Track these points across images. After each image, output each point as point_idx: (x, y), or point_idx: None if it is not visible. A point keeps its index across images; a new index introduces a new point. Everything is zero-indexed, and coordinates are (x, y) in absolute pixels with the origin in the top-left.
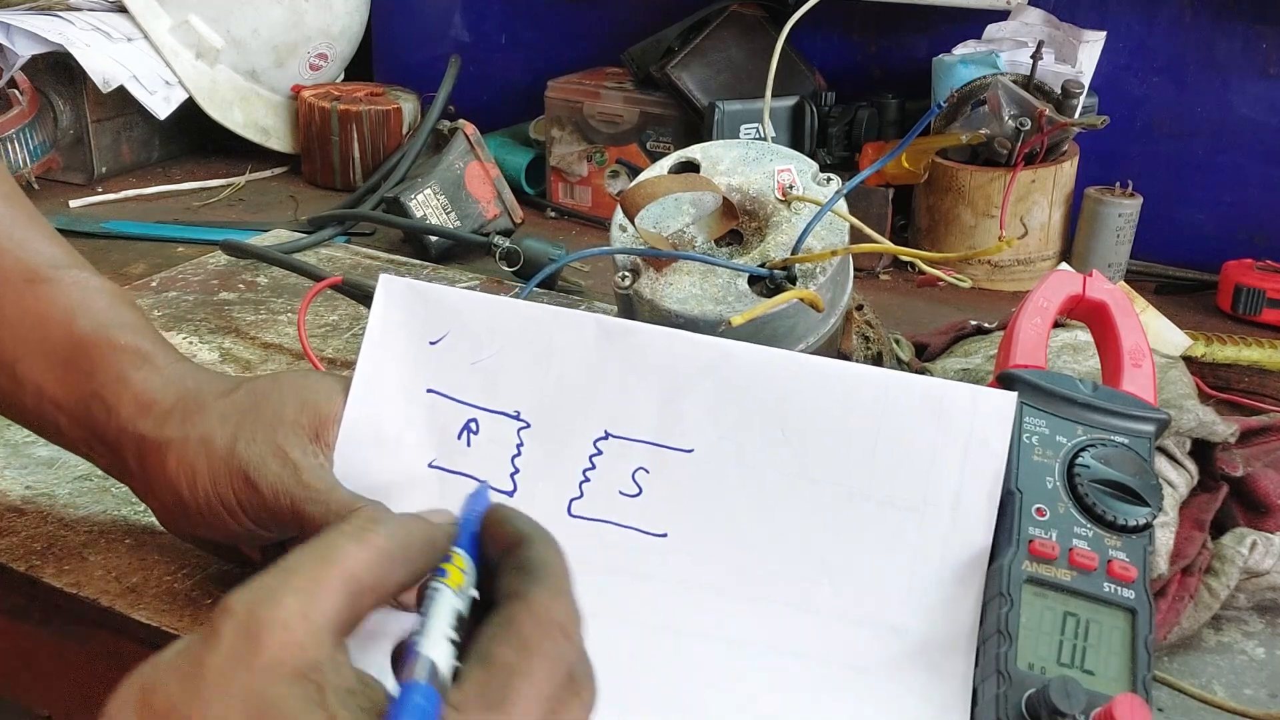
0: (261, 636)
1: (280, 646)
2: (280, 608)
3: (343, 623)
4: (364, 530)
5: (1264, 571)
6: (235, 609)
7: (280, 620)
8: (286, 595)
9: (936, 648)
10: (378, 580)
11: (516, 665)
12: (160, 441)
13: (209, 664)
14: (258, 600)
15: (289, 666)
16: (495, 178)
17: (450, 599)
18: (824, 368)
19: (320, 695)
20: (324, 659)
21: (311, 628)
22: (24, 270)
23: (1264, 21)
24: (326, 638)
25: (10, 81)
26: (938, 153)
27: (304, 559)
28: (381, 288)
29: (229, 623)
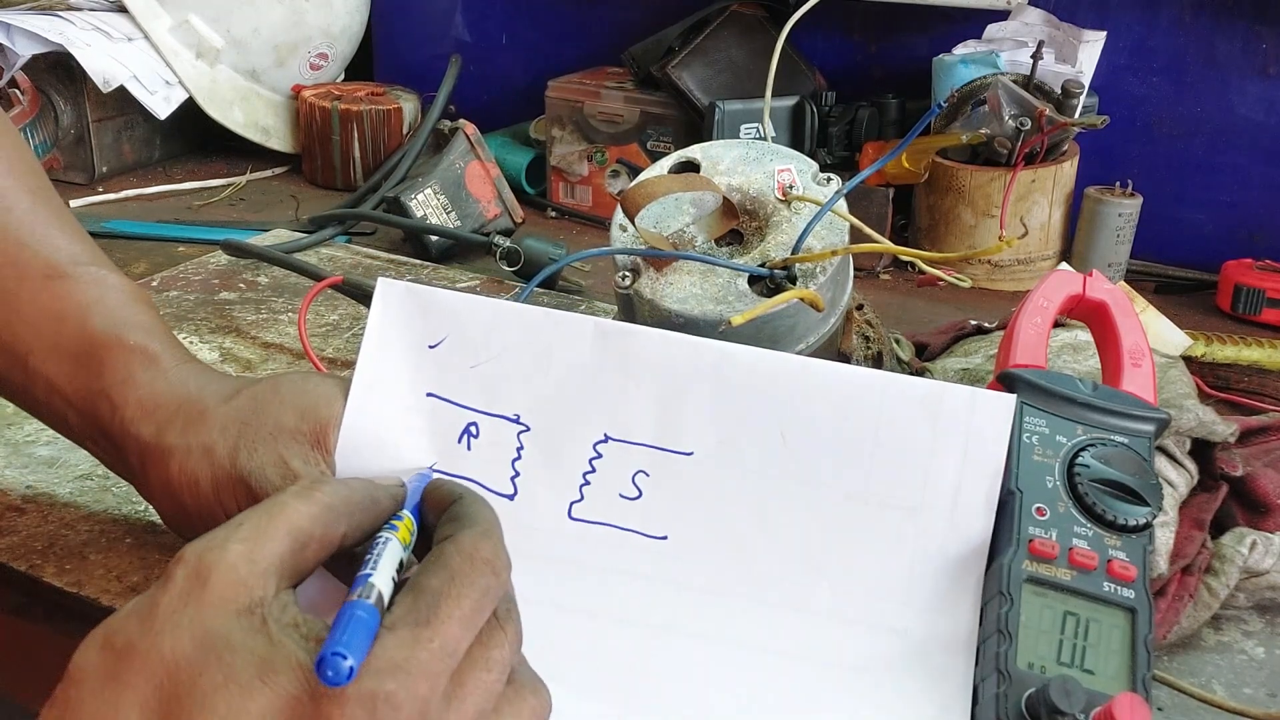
0: (209, 578)
1: (226, 585)
2: (227, 552)
3: (287, 567)
4: (309, 488)
5: (1264, 571)
6: (186, 556)
7: (226, 562)
8: (233, 542)
9: (936, 648)
10: (322, 530)
11: (442, 589)
12: (162, 448)
13: (161, 604)
14: (206, 547)
15: (234, 603)
16: (496, 177)
17: (396, 547)
18: (823, 370)
19: (263, 626)
20: (268, 596)
21: (256, 569)
22: (44, 265)
23: (1264, 21)
24: (271, 579)
25: (11, 81)
26: (938, 152)
27: (252, 513)
28: (379, 291)
29: (180, 568)
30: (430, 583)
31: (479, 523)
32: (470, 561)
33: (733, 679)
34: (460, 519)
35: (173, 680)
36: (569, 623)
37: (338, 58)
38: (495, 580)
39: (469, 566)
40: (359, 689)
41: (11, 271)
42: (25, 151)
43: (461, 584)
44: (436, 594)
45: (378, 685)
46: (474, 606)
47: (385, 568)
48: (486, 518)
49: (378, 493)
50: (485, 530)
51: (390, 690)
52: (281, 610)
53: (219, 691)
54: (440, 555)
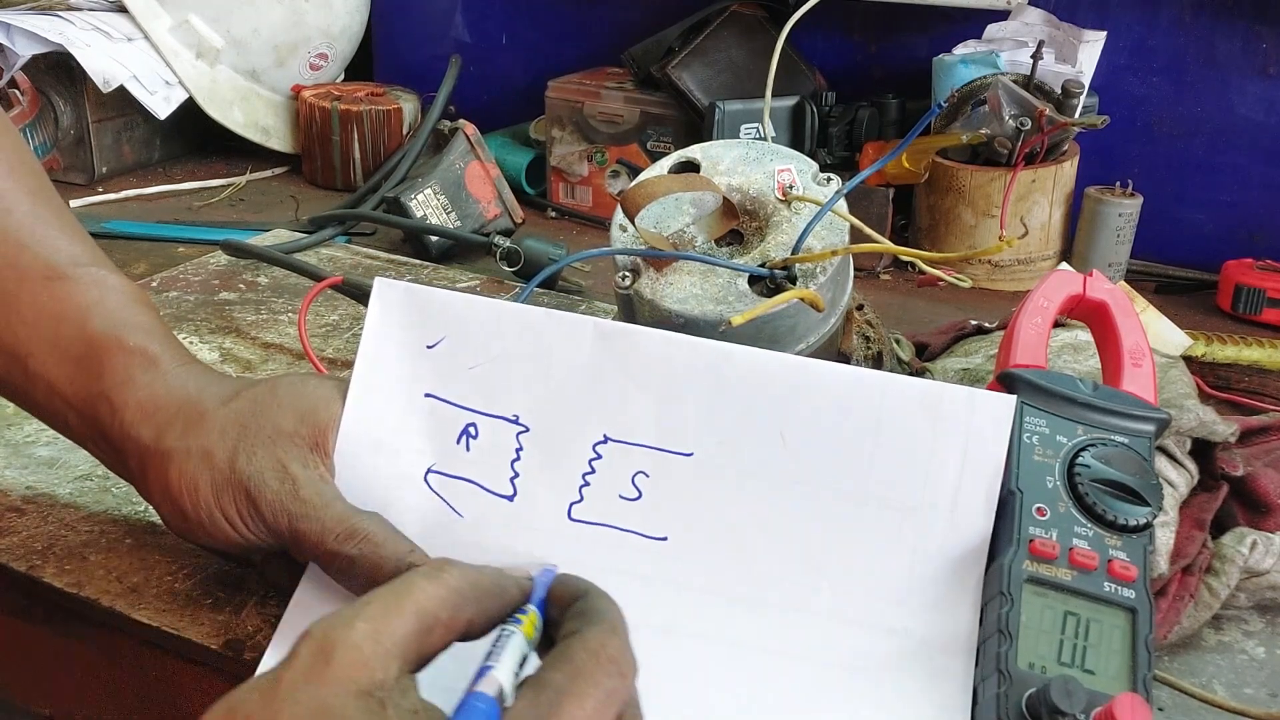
0: (332, 656)
1: (348, 665)
2: (352, 630)
3: (411, 650)
4: (439, 570)
5: (1264, 571)
6: (313, 632)
7: (351, 641)
8: (359, 620)
9: (936, 648)
10: (448, 615)
11: (566, 687)
12: (161, 452)
13: (284, 680)
14: (333, 624)
15: (355, 683)
16: (496, 178)
17: (520, 642)
18: (822, 370)
19: (382, 709)
20: (389, 680)
21: (380, 650)
22: (44, 267)
23: (1264, 21)
24: (394, 662)
25: (11, 81)
26: (938, 152)
27: (381, 592)
28: (377, 292)
29: (306, 644)
30: (553, 678)
31: (606, 620)
32: (595, 659)
33: (733, 679)
34: (587, 615)
35: None
36: None
37: (338, 58)
38: (621, 682)
39: (594, 664)
40: None
41: (12, 273)
42: (25, 152)
43: (585, 682)
44: (559, 691)
45: None
46: (597, 707)
47: (508, 661)
48: (614, 615)
49: (505, 582)
50: (612, 628)
51: None
52: (402, 695)
53: None
54: (565, 651)
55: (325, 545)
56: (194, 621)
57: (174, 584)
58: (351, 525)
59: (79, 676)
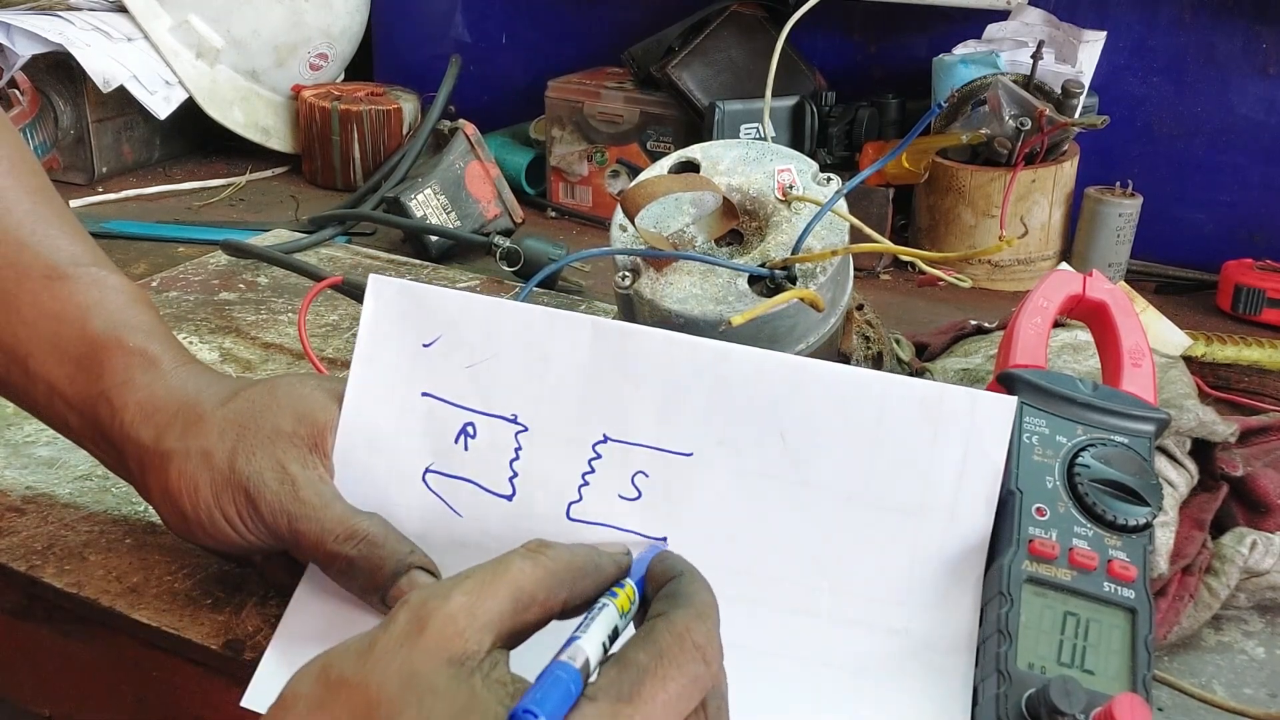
0: (428, 624)
1: (442, 634)
2: (449, 602)
3: (505, 626)
4: (536, 550)
5: (1264, 571)
6: (411, 601)
7: (447, 612)
8: (456, 593)
9: (936, 649)
10: (545, 595)
11: (649, 667)
12: (161, 452)
13: (379, 643)
14: (431, 594)
15: (446, 651)
16: (495, 177)
17: (613, 613)
18: (822, 370)
19: (470, 678)
20: (481, 652)
21: (474, 623)
22: (44, 266)
23: (1264, 21)
24: (487, 635)
25: (11, 81)
26: (938, 152)
27: (478, 569)
28: (371, 290)
29: (403, 612)
30: (638, 658)
31: (695, 604)
32: (680, 643)
33: (732, 681)
34: (677, 597)
35: (373, 714)
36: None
37: (338, 58)
38: (705, 669)
39: (678, 648)
40: None
41: (11, 272)
42: (25, 152)
43: (669, 665)
44: (643, 670)
45: None
46: (680, 692)
47: (596, 633)
48: (704, 600)
49: (602, 560)
50: (701, 613)
51: None
52: (492, 667)
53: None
54: (651, 632)
55: (325, 546)
56: (194, 621)
57: (174, 584)
58: (351, 526)
59: (79, 676)
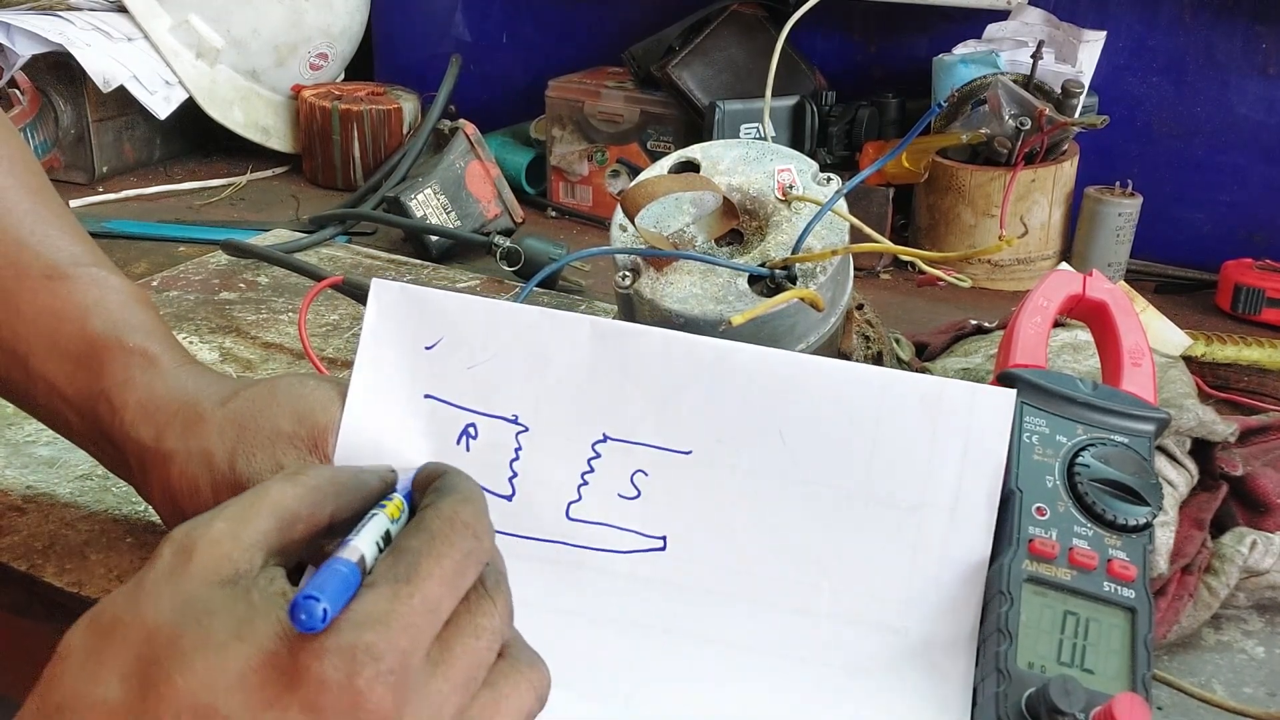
0: (193, 552)
1: (210, 558)
2: (211, 529)
3: (273, 544)
4: (294, 473)
5: (1264, 570)
6: (174, 535)
7: (210, 537)
8: (218, 520)
9: (936, 648)
10: (309, 511)
11: (422, 549)
12: (161, 453)
13: (147, 579)
14: (193, 525)
15: (216, 574)
16: (496, 177)
17: (383, 520)
18: (821, 367)
19: (246, 594)
20: (253, 569)
21: (240, 544)
22: (44, 266)
23: (1264, 21)
24: (256, 554)
25: (11, 81)
26: (938, 152)
27: (238, 497)
28: (374, 293)
29: (167, 546)
30: (410, 543)
31: (460, 490)
32: (450, 524)
33: (732, 680)
34: (441, 490)
35: (151, 645)
36: (567, 624)
37: (338, 58)
38: (477, 544)
39: (449, 528)
40: (338, 640)
41: (11, 272)
42: (26, 151)
43: (441, 544)
44: (416, 553)
45: (356, 637)
46: (455, 567)
47: (368, 535)
48: (469, 488)
49: (365, 476)
50: (465, 497)
51: (369, 641)
52: (269, 582)
53: (197, 651)
54: (420, 519)
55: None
56: None
57: None
58: None
59: None
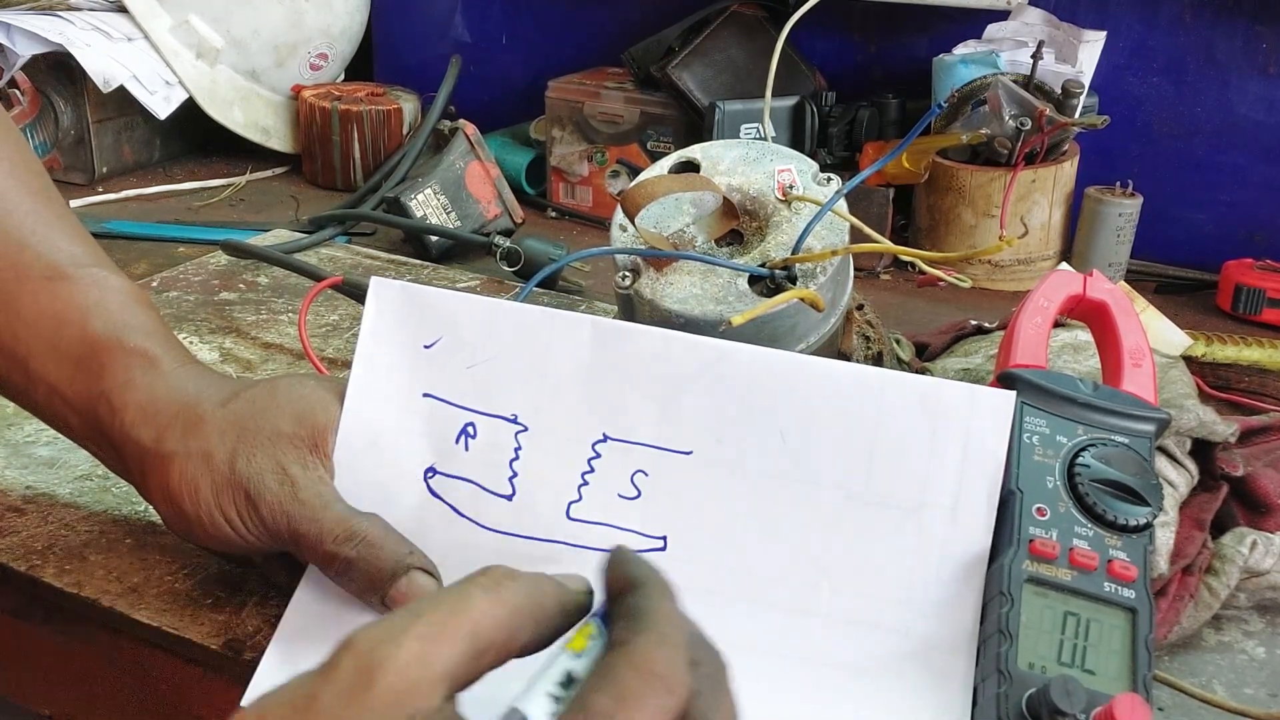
0: (376, 676)
1: (392, 689)
2: (400, 649)
3: (459, 675)
4: (499, 584)
5: (1264, 571)
6: (357, 645)
7: (398, 662)
8: (409, 639)
9: (937, 648)
10: (504, 638)
11: (612, 712)
12: (161, 454)
13: (321, 698)
14: (380, 639)
15: (397, 710)
16: (496, 178)
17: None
18: (822, 368)
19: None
20: (433, 708)
21: (427, 674)
22: (45, 267)
23: (1264, 21)
24: (440, 687)
25: (11, 81)
26: (938, 152)
27: (434, 604)
28: (373, 291)
29: (348, 658)
30: (597, 702)
31: (655, 627)
32: (641, 678)
33: None
34: (634, 618)
35: None
36: None
37: (338, 58)
38: (671, 699)
39: (640, 684)
40: None
41: (12, 273)
42: (27, 152)
43: (633, 706)
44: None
45: None
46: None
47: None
48: (665, 616)
49: (567, 598)
50: (662, 637)
51: None
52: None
53: None
54: (610, 670)
55: (324, 547)
56: (194, 621)
57: (174, 584)
58: (350, 527)
59: (79, 676)
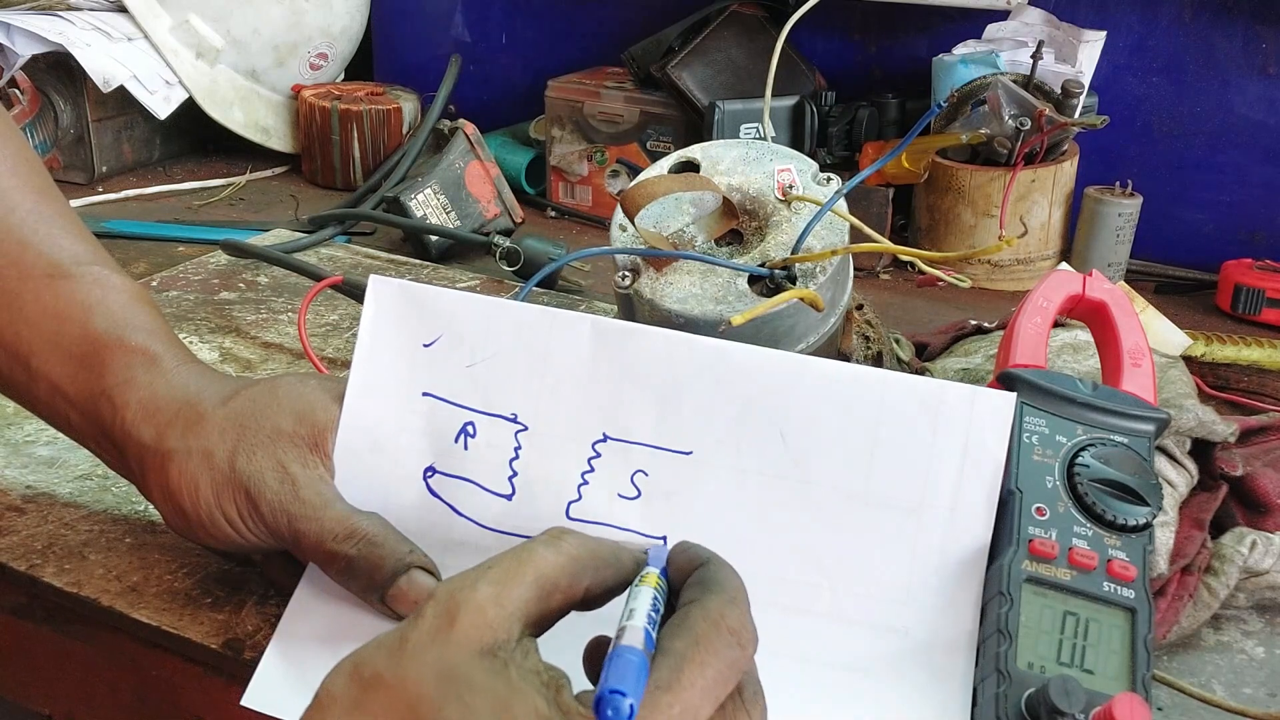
0: (457, 616)
1: (472, 625)
2: (476, 592)
3: (532, 613)
4: (557, 538)
5: (1263, 571)
6: (438, 594)
7: (475, 602)
8: (482, 583)
9: (936, 648)
10: (567, 582)
11: (687, 654)
12: (162, 452)
13: (410, 639)
14: (457, 586)
15: (478, 642)
16: (495, 177)
17: (649, 593)
18: (822, 368)
19: (505, 669)
20: (511, 641)
21: (502, 612)
22: (47, 265)
23: (1264, 21)
24: (515, 623)
25: (11, 81)
26: (938, 152)
27: (502, 558)
28: (372, 290)
29: (431, 606)
30: (674, 645)
31: (727, 589)
32: (715, 628)
33: None
34: (706, 583)
35: (414, 713)
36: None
37: (338, 58)
38: (741, 653)
39: (714, 633)
40: None
41: (14, 271)
42: (28, 151)
43: (706, 650)
44: (680, 658)
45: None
46: (717, 676)
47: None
48: (734, 585)
49: (621, 553)
50: (732, 598)
51: None
52: (524, 656)
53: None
54: (685, 619)
55: (324, 545)
56: (194, 621)
57: (174, 583)
58: (351, 525)
59: (79, 676)
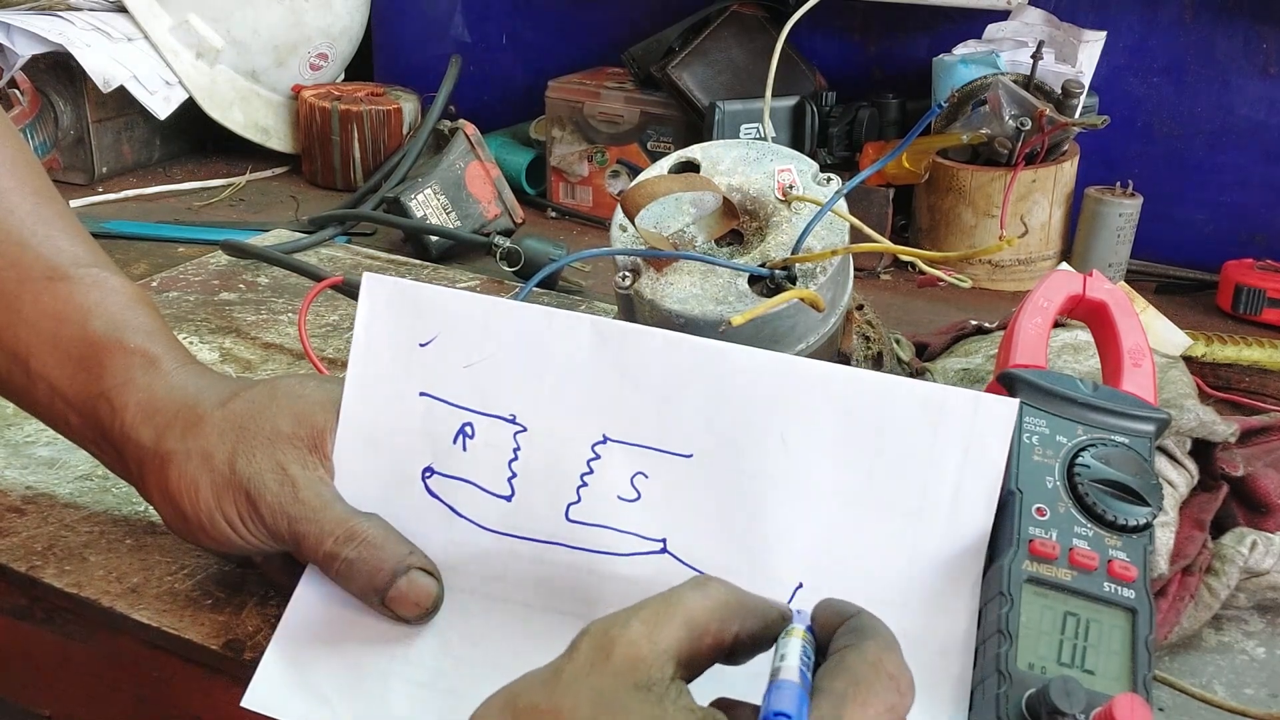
0: (612, 651)
1: (626, 659)
2: (629, 629)
3: (684, 653)
4: (704, 583)
5: (1264, 571)
6: (591, 630)
7: (628, 638)
8: (635, 621)
9: (933, 650)
10: (717, 625)
11: (847, 693)
12: (161, 454)
13: (565, 670)
14: (611, 623)
15: (633, 676)
16: (496, 178)
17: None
18: (823, 371)
19: (660, 703)
20: (665, 679)
21: (655, 649)
22: (46, 267)
23: (1264, 21)
24: (669, 662)
25: (11, 81)
26: (938, 152)
27: (651, 600)
28: (366, 288)
29: (585, 640)
30: (834, 685)
31: (882, 636)
32: (875, 671)
33: None
34: (861, 631)
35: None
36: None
37: (338, 58)
38: (899, 699)
39: (874, 675)
40: None
41: (13, 273)
42: (27, 152)
43: (867, 692)
44: (841, 697)
45: None
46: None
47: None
48: (889, 633)
49: (767, 606)
50: (889, 644)
51: None
52: (678, 694)
53: None
54: (842, 662)
55: (324, 547)
56: (194, 622)
57: (174, 584)
58: (351, 527)
59: (79, 677)
